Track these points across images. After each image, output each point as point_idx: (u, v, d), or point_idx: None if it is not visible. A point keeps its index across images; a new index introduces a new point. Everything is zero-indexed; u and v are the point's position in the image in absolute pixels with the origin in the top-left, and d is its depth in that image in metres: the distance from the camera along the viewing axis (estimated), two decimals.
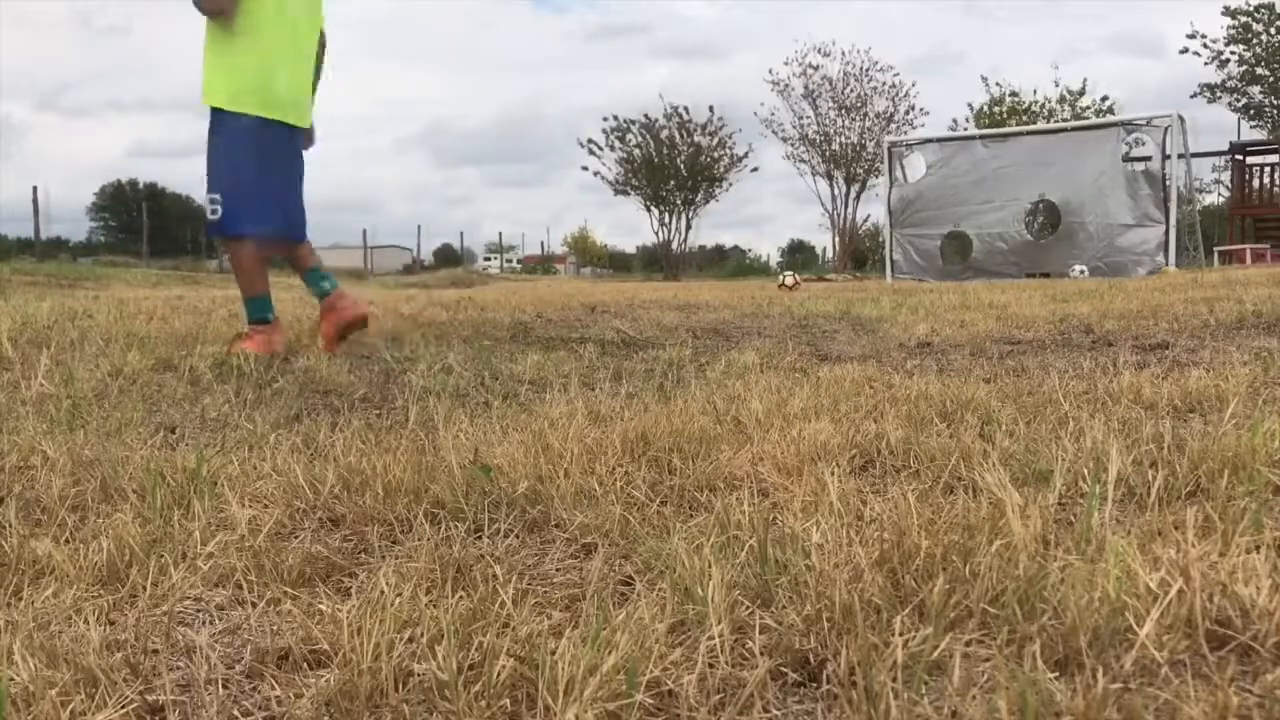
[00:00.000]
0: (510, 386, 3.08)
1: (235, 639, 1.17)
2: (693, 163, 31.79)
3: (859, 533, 1.40)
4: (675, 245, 33.02)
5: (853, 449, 1.96)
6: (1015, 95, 29.43)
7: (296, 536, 1.55)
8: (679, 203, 32.61)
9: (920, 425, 2.18)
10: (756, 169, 33.00)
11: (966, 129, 27.07)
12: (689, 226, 32.95)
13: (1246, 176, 21.34)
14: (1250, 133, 26.20)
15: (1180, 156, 14.91)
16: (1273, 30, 26.13)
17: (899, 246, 17.44)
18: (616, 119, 32.13)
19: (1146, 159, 15.80)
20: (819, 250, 38.52)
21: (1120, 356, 3.57)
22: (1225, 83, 27.10)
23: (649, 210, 32.81)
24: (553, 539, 1.53)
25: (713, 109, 31.73)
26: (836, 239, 32.14)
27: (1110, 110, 27.20)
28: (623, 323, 5.38)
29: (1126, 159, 15.94)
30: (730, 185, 32.66)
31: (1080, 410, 2.33)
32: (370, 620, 1.10)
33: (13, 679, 1.00)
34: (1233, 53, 26.69)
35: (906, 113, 30.66)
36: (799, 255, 41.17)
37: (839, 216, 31.78)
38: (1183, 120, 14.97)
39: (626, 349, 4.24)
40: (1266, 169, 21.14)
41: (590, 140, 32.36)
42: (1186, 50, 27.32)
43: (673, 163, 31.73)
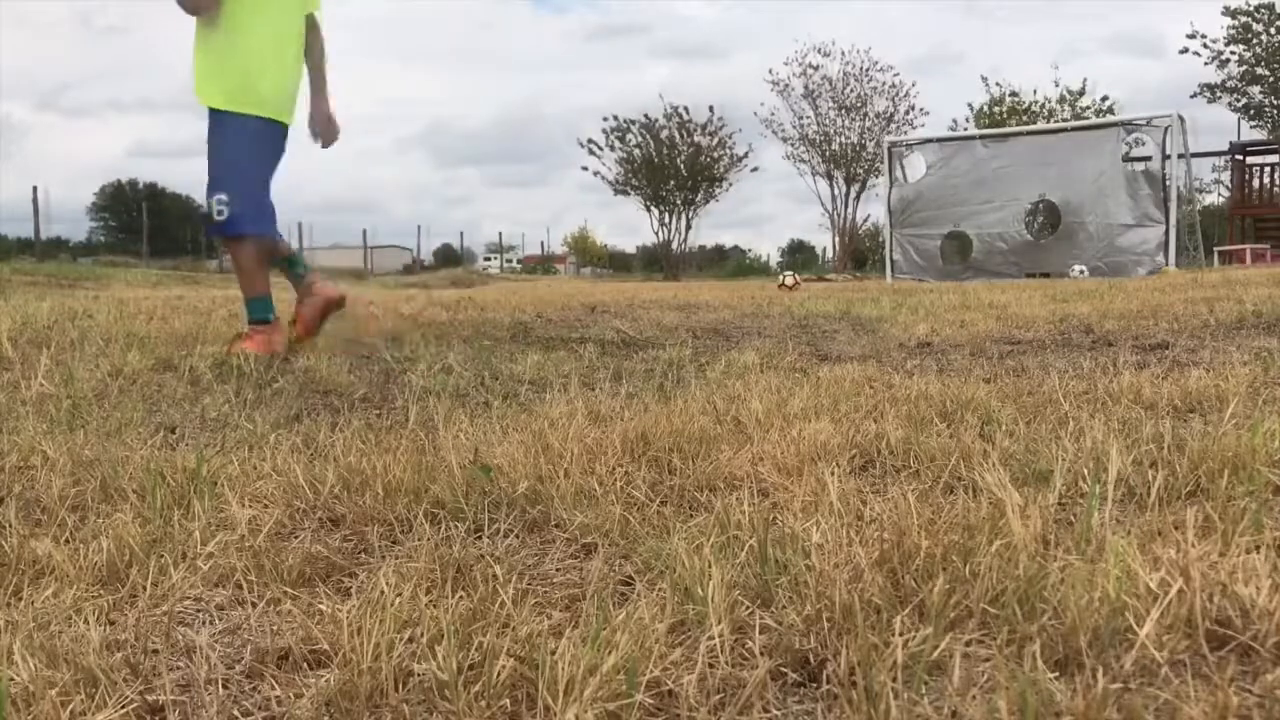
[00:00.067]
0: (510, 386, 3.09)
1: (235, 639, 1.17)
2: (693, 163, 31.78)
3: (859, 533, 1.40)
4: (675, 245, 33.04)
5: (853, 449, 1.96)
6: (1015, 95, 29.45)
7: (296, 536, 1.55)
8: (679, 203, 32.61)
9: (920, 425, 2.18)
10: (756, 169, 33.02)
11: (966, 129, 27.08)
12: (689, 226, 32.99)
13: (1246, 176, 21.34)
14: (1250, 133, 26.23)
15: (1180, 156, 14.92)
16: (1273, 30, 26.14)
17: (899, 246, 17.44)
18: (616, 119, 32.17)
19: (1146, 159, 15.80)
20: (819, 250, 38.54)
21: (1120, 356, 3.57)
22: (1225, 83, 27.12)
23: (649, 210, 32.84)
24: (553, 539, 1.53)
25: (712, 109, 31.77)
26: (836, 239, 32.15)
27: (1110, 110, 27.20)
28: (623, 323, 5.38)
29: (1126, 159, 15.95)
30: (730, 185, 32.69)
31: (1080, 410, 2.33)
32: (370, 620, 1.10)
33: (13, 679, 1.00)
34: (1233, 53, 26.72)
35: (906, 113, 30.70)
36: (799, 255, 41.19)
37: (839, 217, 31.79)
38: (1183, 120, 14.97)
39: (626, 349, 4.24)
40: (1266, 169, 21.14)
41: (590, 140, 32.40)
42: (1186, 50, 27.36)
43: (672, 163, 31.72)
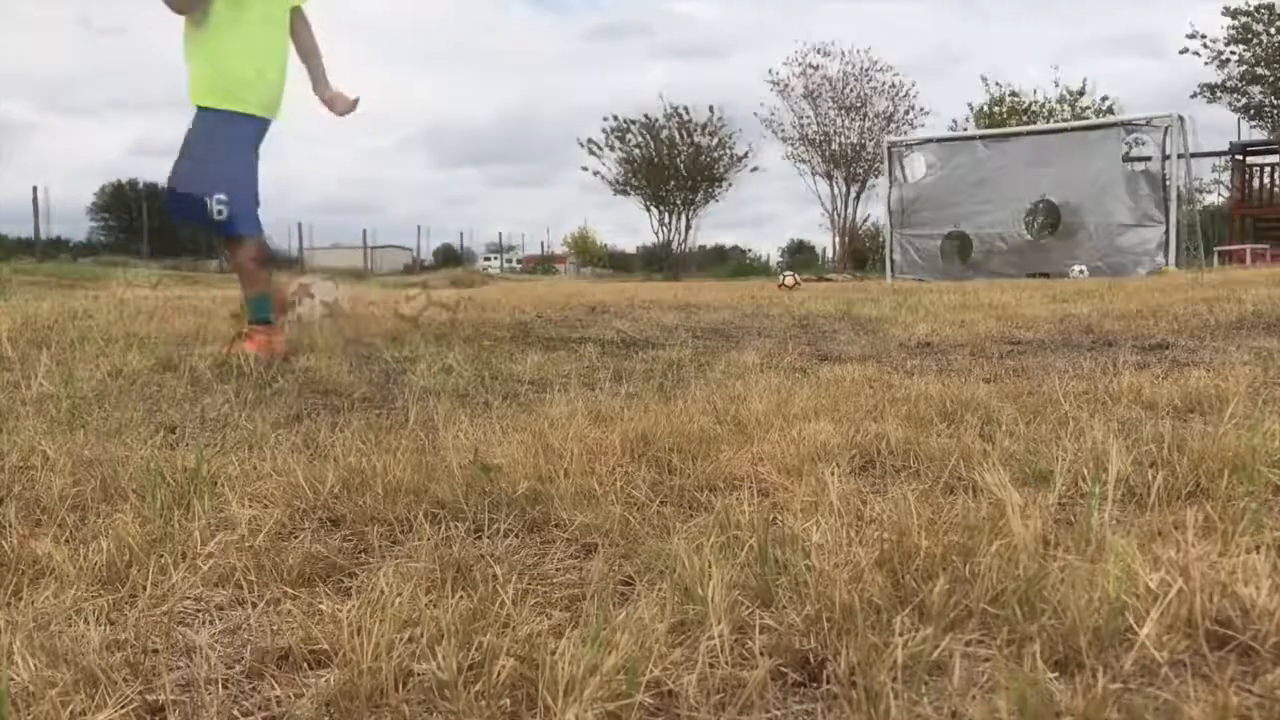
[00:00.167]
0: (511, 386, 3.09)
1: (235, 639, 1.17)
2: (693, 163, 31.77)
3: (859, 533, 1.40)
4: (675, 245, 33.03)
5: (853, 449, 1.96)
6: (1015, 95, 29.45)
7: (297, 536, 1.55)
8: (678, 203, 32.60)
9: (921, 425, 2.18)
10: (756, 169, 32.96)
11: (966, 129, 27.08)
12: (689, 227, 32.98)
13: (1246, 176, 21.33)
14: (1250, 133, 26.22)
15: (1180, 156, 14.91)
16: (1273, 30, 26.14)
17: (899, 246, 17.43)
18: (616, 119, 32.15)
19: (1147, 159, 15.80)
20: (820, 250, 38.50)
21: (1121, 357, 3.57)
22: (1225, 83, 27.12)
23: (649, 210, 32.84)
24: (553, 539, 1.53)
25: (712, 109, 31.75)
26: (837, 239, 32.15)
27: (1110, 110, 27.20)
28: (623, 323, 5.37)
29: (1126, 159, 15.94)
30: (729, 185, 32.67)
31: (1081, 410, 2.33)
32: (371, 620, 1.10)
33: (13, 679, 1.00)
34: (1233, 53, 26.72)
35: (906, 113, 30.69)
36: (799, 255, 41.16)
37: (838, 217, 31.79)
38: (1182, 120, 14.97)
39: (627, 349, 4.24)
40: (1267, 169, 21.13)
41: (590, 140, 32.39)
42: (1186, 50, 27.36)
43: (672, 163, 31.71)
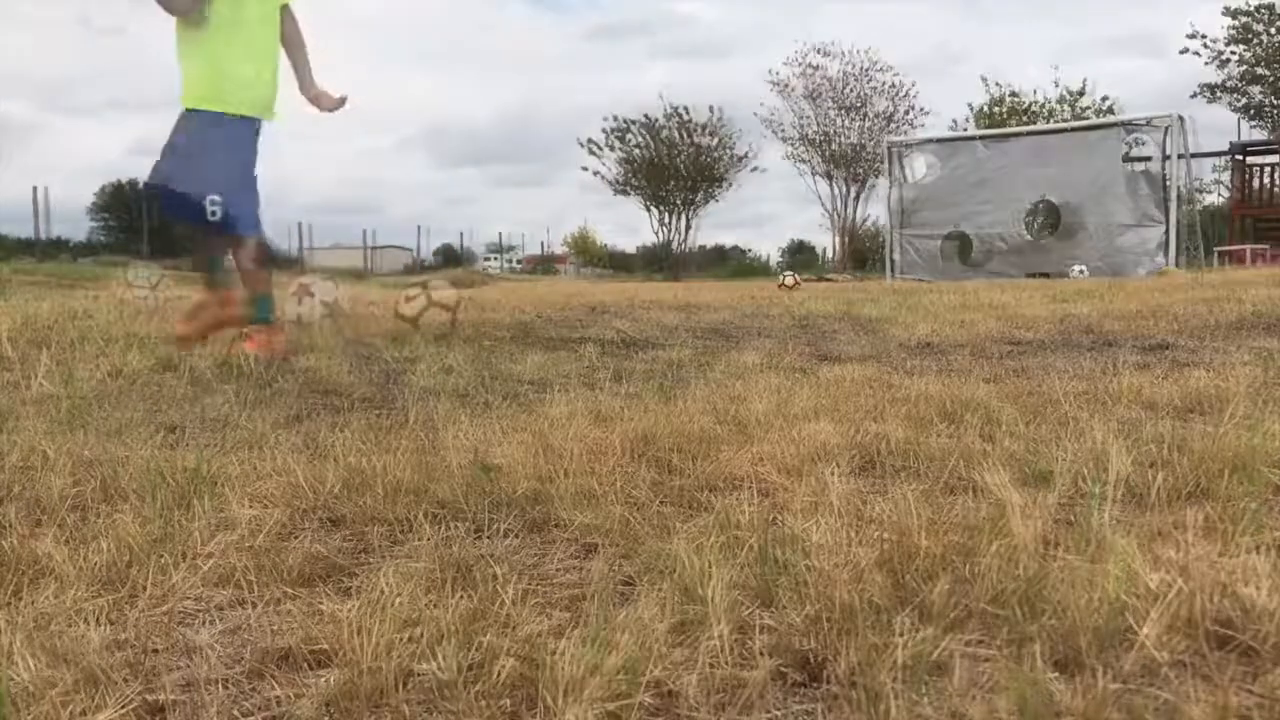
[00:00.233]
0: (511, 386, 3.08)
1: (236, 639, 1.17)
2: (693, 163, 31.75)
3: (860, 533, 1.40)
4: (676, 246, 33.02)
5: (854, 449, 1.96)
6: (1015, 95, 29.44)
7: (297, 536, 1.54)
8: (679, 203, 32.58)
9: (922, 425, 2.18)
10: (756, 169, 32.93)
11: (966, 129, 27.08)
12: (689, 227, 32.97)
13: (1246, 177, 21.33)
14: (1250, 133, 26.20)
15: (1180, 157, 14.92)
16: (1273, 30, 26.13)
17: (900, 246, 17.44)
18: (616, 119, 32.14)
19: (1147, 159, 15.80)
20: (820, 251, 38.47)
21: (1121, 357, 3.57)
22: (1225, 83, 27.11)
23: (649, 211, 32.83)
24: (554, 539, 1.53)
25: (712, 109, 31.72)
26: (837, 239, 32.14)
27: (1110, 110, 27.19)
28: (623, 323, 5.37)
29: (1126, 159, 15.94)
30: (729, 185, 32.63)
31: (1081, 410, 2.33)
32: (371, 620, 1.10)
33: (13, 679, 1.00)
34: (1233, 53, 26.70)
35: (906, 113, 30.68)
36: (799, 255, 41.13)
37: (839, 217, 31.79)
38: (1182, 120, 14.96)
39: (627, 349, 4.24)
40: (1267, 169, 21.13)
41: (590, 140, 32.39)
42: (1186, 50, 27.34)
43: (672, 163, 31.69)
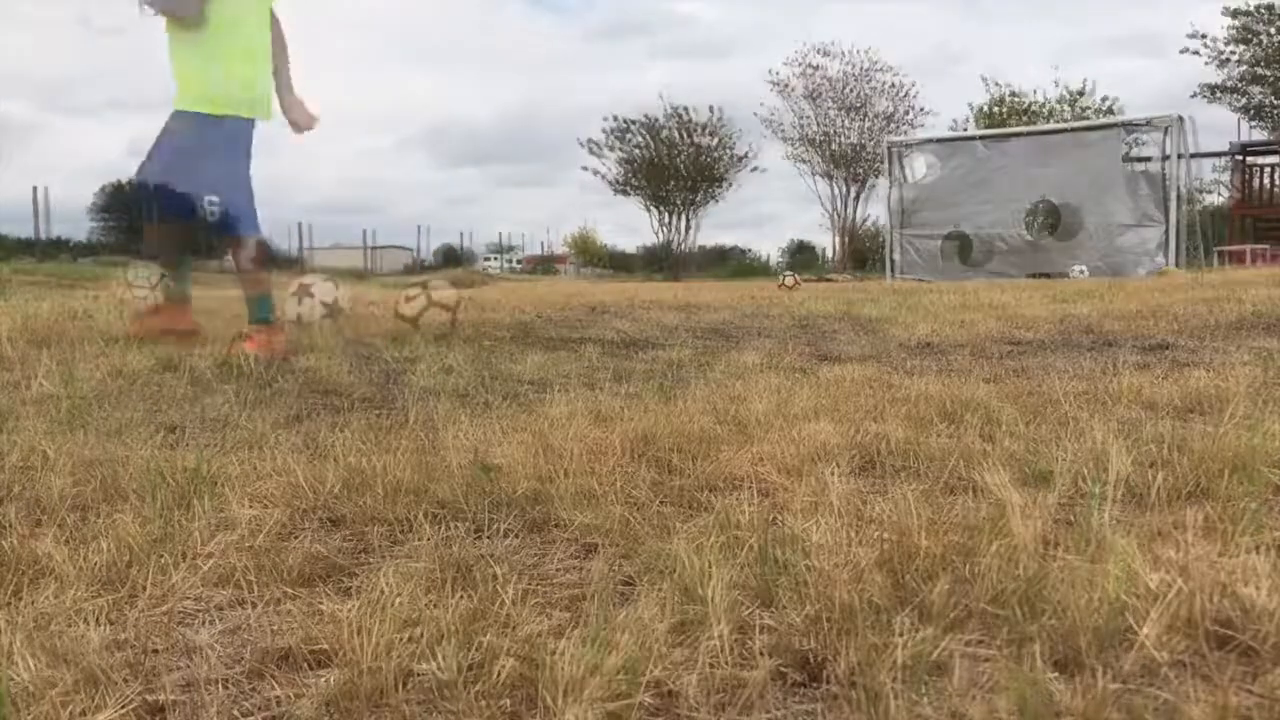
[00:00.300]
0: (511, 386, 3.08)
1: (236, 639, 1.17)
2: (693, 163, 31.74)
3: (860, 533, 1.40)
4: (676, 246, 33.02)
5: (854, 449, 1.96)
6: (1015, 96, 29.44)
7: (297, 536, 1.54)
8: (679, 203, 32.58)
9: (922, 425, 2.18)
10: (755, 169, 32.91)
11: (966, 129, 27.09)
12: (688, 227, 32.97)
13: (1247, 177, 21.32)
14: (1251, 133, 26.19)
15: (1180, 157, 14.92)
16: (1273, 30, 26.12)
17: (900, 247, 17.45)
18: (617, 119, 32.14)
19: (1148, 159, 15.81)
20: (820, 251, 38.46)
21: (1121, 357, 3.57)
22: (1226, 83, 27.10)
23: (649, 211, 32.83)
24: (554, 539, 1.53)
25: (712, 109, 31.72)
26: (837, 239, 32.15)
27: (1111, 110, 27.20)
28: (623, 323, 5.37)
29: (1127, 159, 15.95)
30: (729, 185, 32.62)
31: (1081, 411, 2.33)
32: (371, 620, 1.10)
33: (13, 679, 1.00)
34: (1233, 53, 26.70)
35: (906, 113, 30.68)
36: (799, 256, 41.12)
37: (838, 217, 31.79)
38: (1182, 120, 14.97)
39: (627, 349, 4.24)
40: (1267, 169, 21.13)
41: (590, 140, 32.39)
42: (1187, 50, 27.34)
43: (672, 163, 31.68)
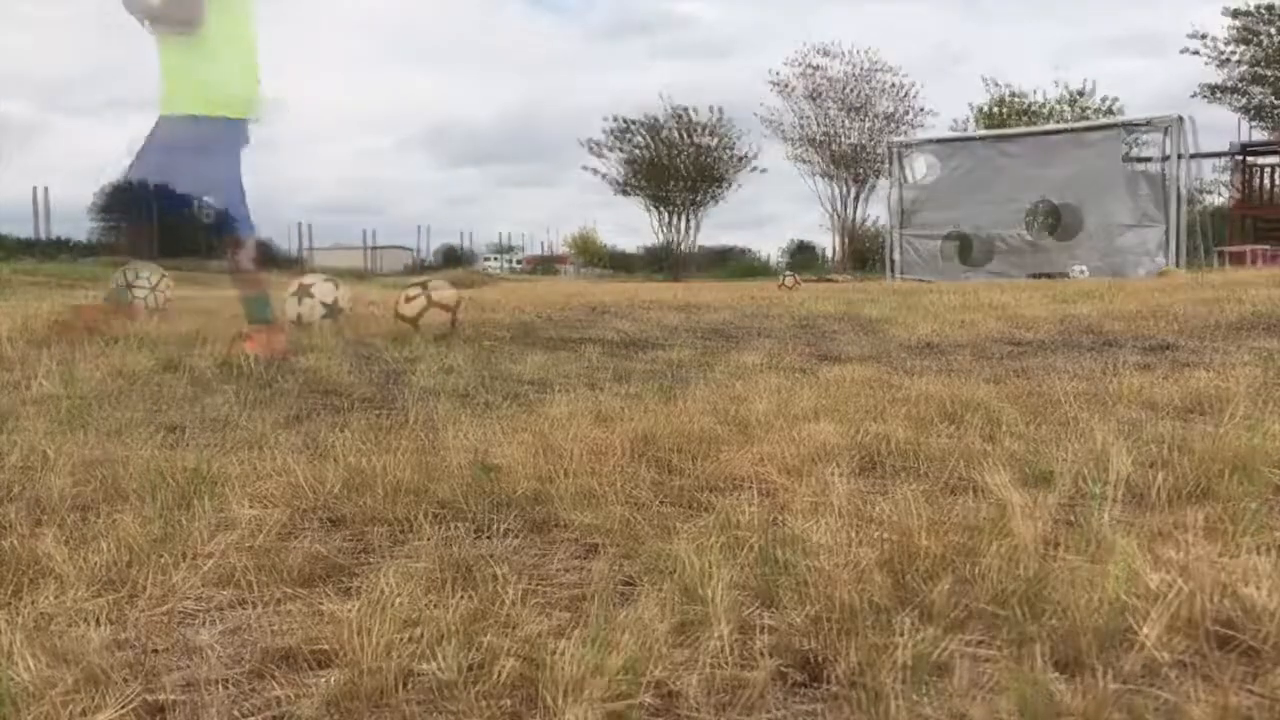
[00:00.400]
0: (512, 387, 3.08)
1: (237, 639, 1.17)
2: (694, 163, 31.74)
3: (862, 533, 1.40)
4: (677, 246, 33.03)
5: (856, 450, 1.96)
6: (1016, 96, 29.43)
7: (299, 536, 1.54)
8: (680, 203, 32.58)
9: (923, 426, 2.18)
10: (755, 169, 32.90)
11: (967, 129, 27.09)
12: (689, 227, 32.98)
13: (1248, 177, 21.31)
14: (1252, 133, 26.16)
15: (1181, 157, 14.93)
16: (1274, 30, 26.10)
17: (900, 247, 17.46)
18: (617, 119, 32.15)
19: (1148, 159, 15.82)
20: (821, 251, 38.44)
21: (1123, 357, 3.57)
22: (1227, 84, 27.08)
23: (649, 211, 32.85)
24: (555, 539, 1.53)
25: (712, 109, 31.71)
26: (838, 240, 32.15)
27: (1112, 111, 27.20)
28: (625, 323, 5.37)
29: (1128, 159, 15.96)
30: (730, 185, 32.61)
31: (1083, 411, 2.33)
32: (373, 620, 1.10)
33: (14, 679, 1.00)
34: (1234, 53, 26.67)
35: (906, 113, 30.68)
36: (800, 256, 41.10)
37: (838, 217, 31.79)
38: (1182, 121, 14.97)
39: (628, 349, 4.24)
40: (1269, 169, 21.11)
41: (591, 140, 32.40)
42: (1187, 50, 27.32)
43: (673, 163, 31.68)
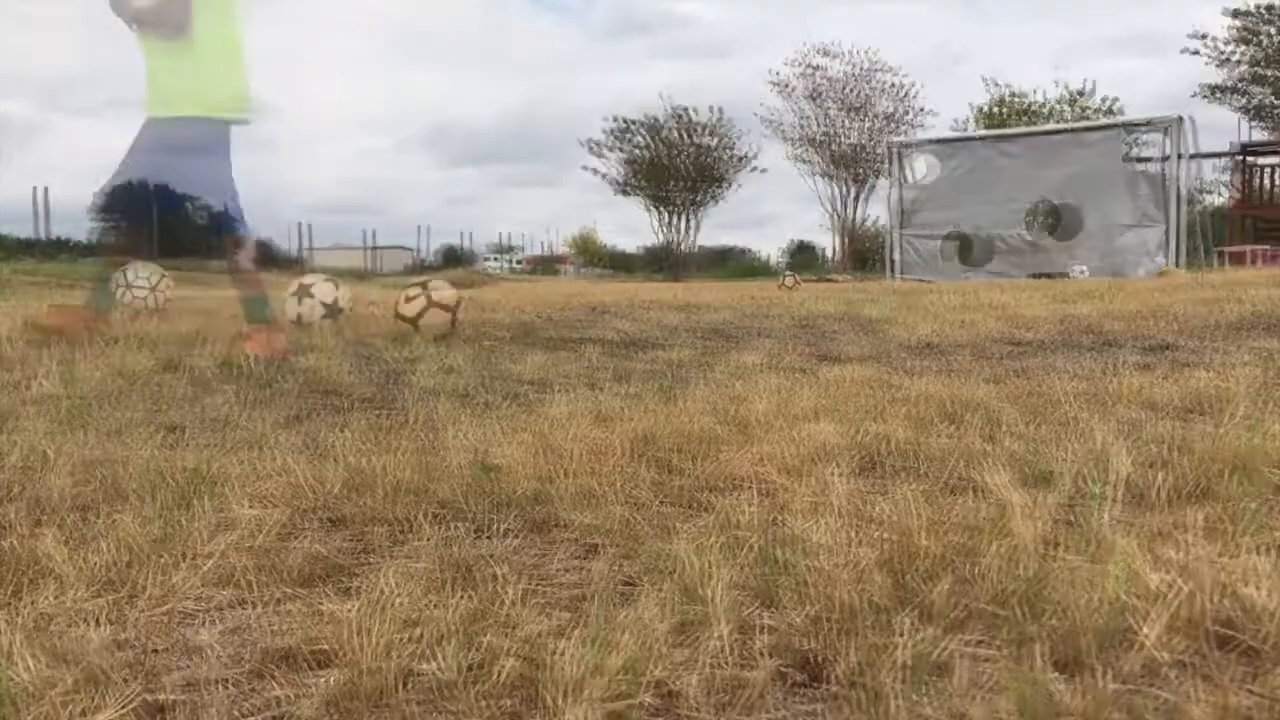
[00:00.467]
0: (512, 387, 3.08)
1: (237, 639, 1.17)
2: (694, 163, 31.74)
3: (862, 533, 1.40)
4: (677, 246, 33.03)
5: (856, 449, 1.96)
6: (1017, 96, 29.43)
7: (299, 536, 1.54)
8: (680, 203, 32.59)
9: (923, 426, 2.18)
10: (755, 169, 32.89)
11: (967, 129, 27.09)
12: (689, 227, 32.99)
13: (1249, 177, 21.31)
14: (1252, 133, 26.16)
15: (1180, 157, 14.93)
16: (1274, 30, 26.09)
17: (900, 247, 17.46)
18: (618, 119, 32.16)
19: (1148, 159, 15.83)
20: (821, 251, 38.45)
21: (1123, 357, 3.57)
22: (1227, 83, 27.08)
23: (649, 211, 32.86)
24: (555, 539, 1.53)
25: (712, 109, 31.71)
26: (838, 240, 32.15)
27: (1112, 111, 27.20)
28: (625, 323, 5.37)
29: (1128, 159, 15.97)
30: (730, 185, 32.62)
31: (1083, 411, 2.33)
32: (373, 620, 1.10)
33: (14, 679, 1.00)
34: (1234, 53, 26.67)
35: (906, 113, 30.69)
36: (800, 256, 41.11)
37: (840, 217, 31.79)
38: (1182, 121, 14.97)
39: (628, 349, 4.24)
40: (1269, 169, 21.11)
41: (591, 140, 32.41)
42: (1187, 50, 27.31)
43: (673, 163, 31.69)
